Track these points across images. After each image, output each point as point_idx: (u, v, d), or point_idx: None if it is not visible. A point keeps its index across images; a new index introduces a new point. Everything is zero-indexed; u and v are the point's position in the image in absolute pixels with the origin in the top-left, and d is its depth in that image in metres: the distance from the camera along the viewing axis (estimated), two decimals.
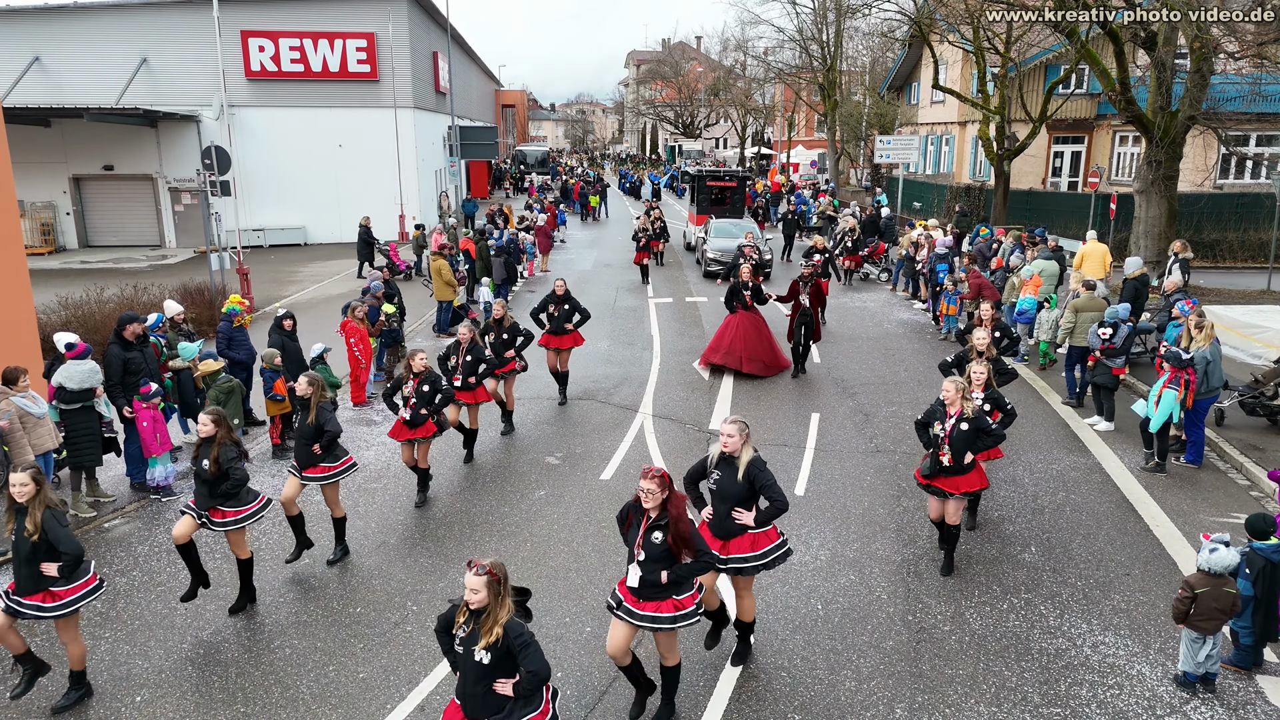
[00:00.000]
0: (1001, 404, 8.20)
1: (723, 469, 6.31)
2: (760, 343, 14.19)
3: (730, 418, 6.31)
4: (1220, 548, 6.16)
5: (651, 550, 5.54)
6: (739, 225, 24.83)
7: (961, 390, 7.59)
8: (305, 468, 8.09)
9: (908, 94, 45.16)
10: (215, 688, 6.46)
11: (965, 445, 7.54)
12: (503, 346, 11.35)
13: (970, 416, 7.51)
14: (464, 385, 10.29)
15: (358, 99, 30.35)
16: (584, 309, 12.82)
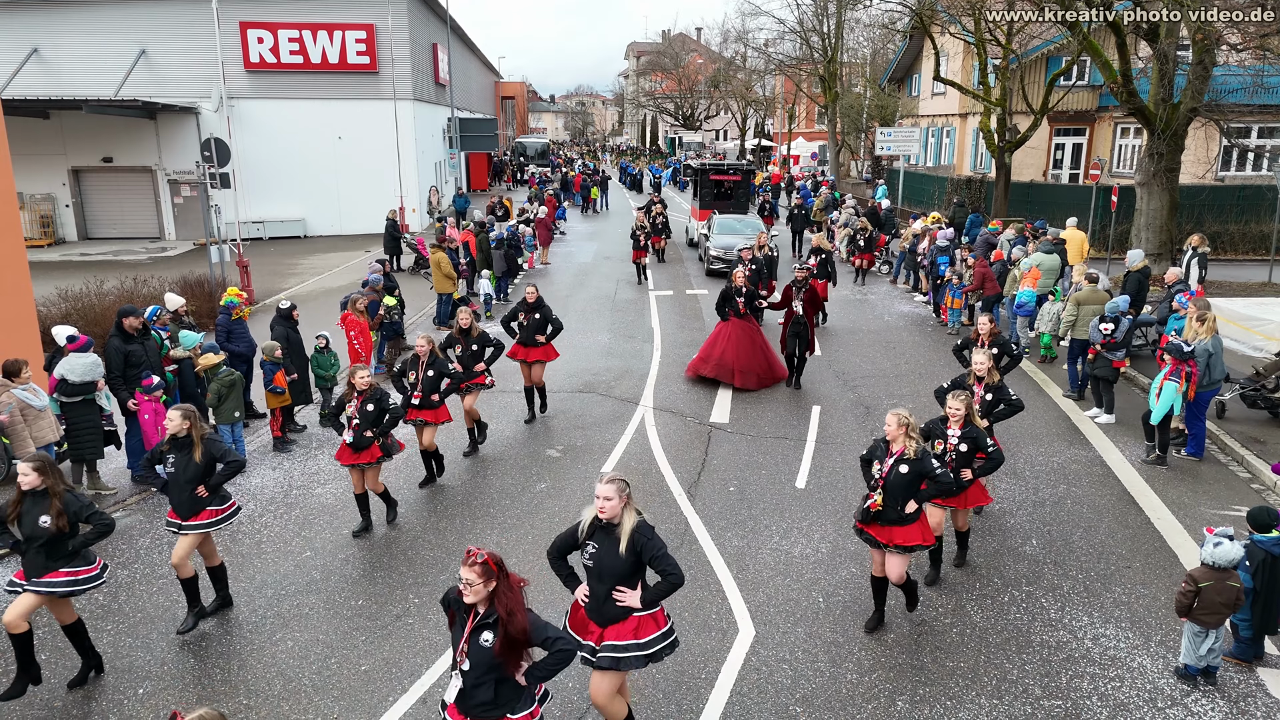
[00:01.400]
0: (982, 444, 7.26)
1: (599, 540, 5.15)
2: (754, 353, 13.25)
3: (608, 475, 5.14)
4: (1225, 542, 6.16)
5: (478, 656, 4.40)
6: (744, 221, 24.10)
7: (905, 425, 6.54)
8: (189, 516, 6.89)
9: (909, 86, 45.04)
10: (218, 680, 6.47)
11: (903, 491, 6.52)
12: (471, 359, 10.45)
13: (912, 458, 6.48)
14: (424, 404, 9.37)
15: (357, 91, 30.26)
16: (556, 319, 11.69)
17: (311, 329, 12.75)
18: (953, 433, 7.32)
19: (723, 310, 13.41)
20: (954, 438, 7.31)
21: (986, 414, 8.19)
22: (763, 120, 70.76)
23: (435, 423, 9.52)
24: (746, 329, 13.35)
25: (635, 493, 9.55)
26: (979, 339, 9.85)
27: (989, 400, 8.26)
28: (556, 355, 12.03)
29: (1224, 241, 24.35)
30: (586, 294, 20.95)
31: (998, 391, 8.32)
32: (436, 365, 9.45)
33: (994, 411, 8.25)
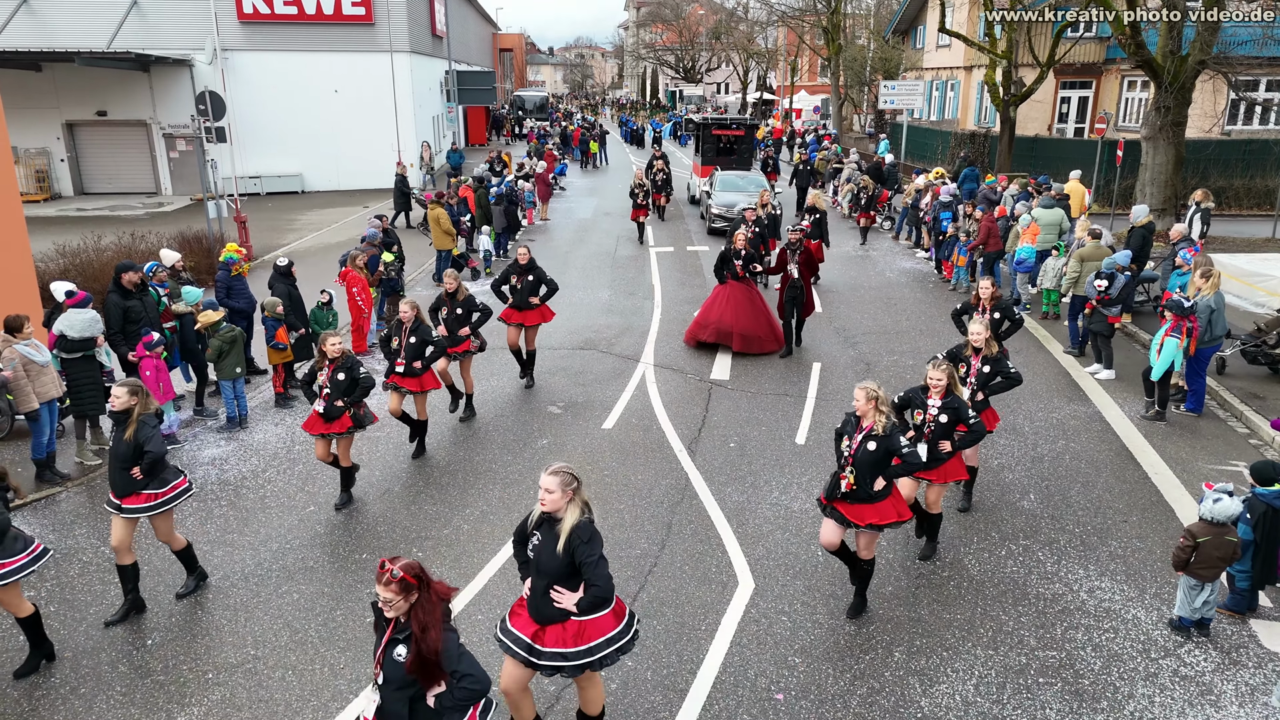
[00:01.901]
0: (964, 415, 6.87)
1: (543, 533, 4.82)
2: (755, 316, 12.79)
3: (553, 466, 4.76)
4: (1224, 497, 6.21)
5: (392, 671, 4.02)
6: (746, 178, 23.49)
7: (875, 399, 6.20)
8: (124, 496, 6.50)
9: (913, 38, 44.32)
10: (225, 631, 6.57)
11: (871, 468, 6.20)
12: (456, 324, 10.03)
13: (880, 434, 6.14)
14: (408, 371, 9.07)
15: (353, 42, 29.77)
16: (551, 281, 11.26)
17: (311, 285, 12.71)
18: (933, 403, 6.94)
19: (720, 273, 12.95)
20: (934, 408, 6.93)
21: (982, 386, 7.79)
22: (764, 73, 69.81)
23: (422, 390, 9.21)
24: (745, 291, 12.89)
25: (636, 450, 9.66)
26: (979, 303, 9.33)
27: (985, 373, 7.80)
28: (553, 316, 11.62)
29: (1228, 197, 24.15)
30: (587, 250, 20.85)
31: (995, 363, 7.82)
32: (420, 331, 9.11)
33: (990, 384, 7.81)
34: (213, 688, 5.95)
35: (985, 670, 6.12)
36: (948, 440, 6.92)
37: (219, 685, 5.97)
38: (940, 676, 6.06)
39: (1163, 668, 6.14)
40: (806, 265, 12.69)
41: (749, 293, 12.92)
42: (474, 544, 7.76)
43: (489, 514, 8.29)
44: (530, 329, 11.33)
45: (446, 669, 3.96)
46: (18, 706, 5.76)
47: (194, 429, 10.35)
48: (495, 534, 7.90)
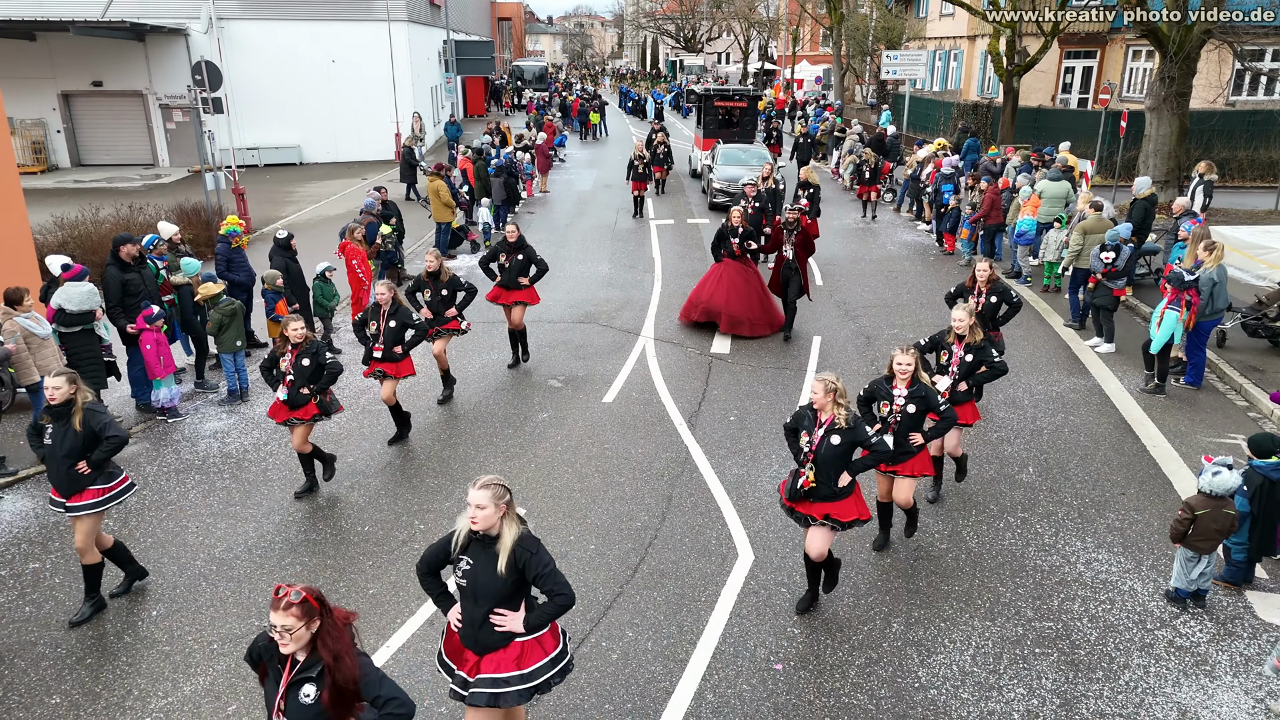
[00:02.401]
0: (933, 404, 6.52)
1: (475, 555, 4.31)
2: (748, 297, 12.34)
3: (484, 479, 4.21)
4: (1223, 470, 6.24)
5: (300, 715, 3.57)
6: (749, 151, 22.93)
7: (834, 391, 5.83)
8: (70, 494, 6.13)
9: (916, 7, 43.82)
10: (229, 603, 6.62)
11: (835, 464, 5.88)
12: (441, 304, 9.79)
13: (844, 426, 5.81)
14: (386, 356, 8.80)
15: (350, 11, 29.43)
16: (541, 260, 11.01)
17: (311, 258, 12.68)
18: (899, 392, 6.54)
19: (717, 251, 12.64)
20: (900, 398, 6.53)
21: (966, 376, 7.44)
22: (766, 43, 69.10)
23: (397, 376, 8.93)
24: (741, 271, 12.47)
25: (637, 424, 9.69)
26: (974, 286, 8.99)
27: (968, 362, 7.40)
28: (539, 299, 11.26)
29: (1232, 168, 24.00)
30: (587, 223, 20.76)
31: (979, 352, 7.37)
32: (399, 314, 8.75)
33: (974, 374, 7.45)
34: (218, 658, 6.01)
35: (982, 641, 6.18)
36: (918, 432, 6.59)
37: (224, 655, 6.03)
38: (938, 647, 6.12)
39: (1158, 638, 6.21)
40: (802, 246, 12.08)
41: (744, 273, 12.49)
42: None
43: None
44: (515, 306, 10.97)
45: (367, 696, 3.59)
46: (24, 677, 5.83)
47: (195, 402, 10.37)
48: None
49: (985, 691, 5.70)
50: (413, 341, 8.88)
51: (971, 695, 5.67)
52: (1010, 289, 9.04)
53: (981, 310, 8.77)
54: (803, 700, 5.64)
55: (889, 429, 6.56)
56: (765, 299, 12.58)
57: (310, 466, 8.22)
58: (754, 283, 12.53)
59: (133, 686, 5.76)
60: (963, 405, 7.46)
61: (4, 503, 8.10)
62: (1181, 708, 5.56)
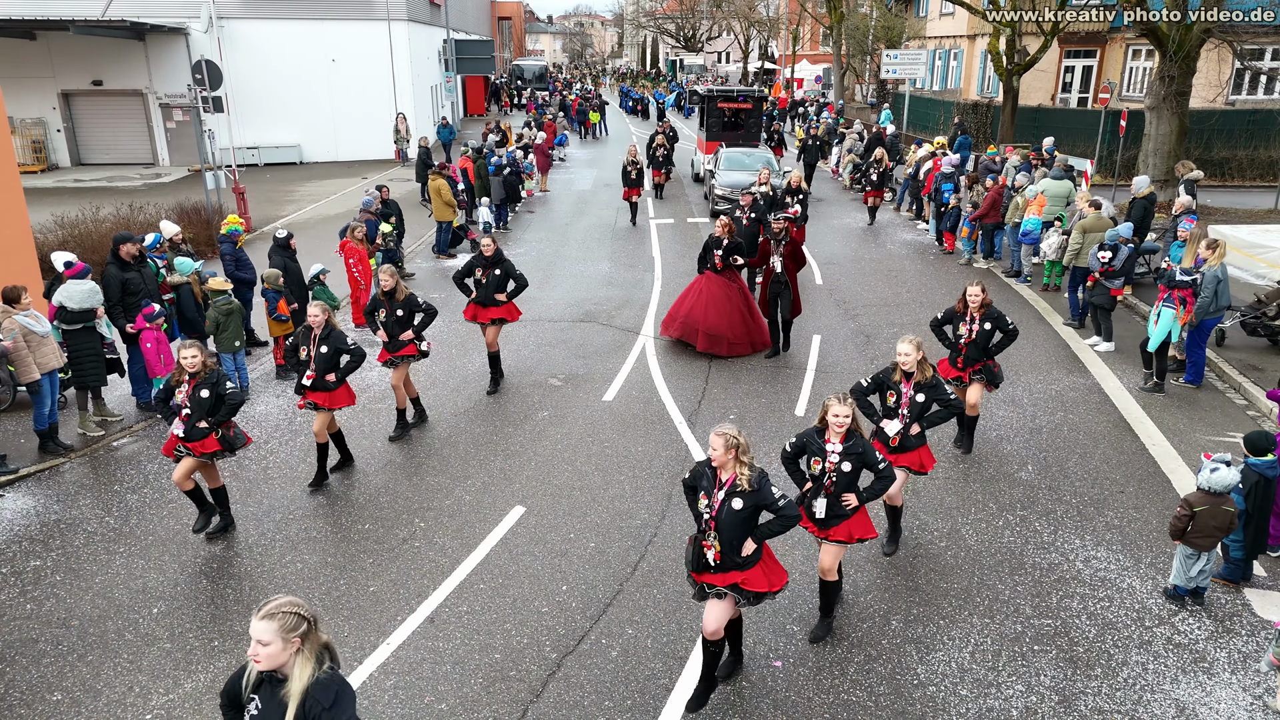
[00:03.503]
0: (871, 461, 5.70)
1: (264, 698, 3.48)
2: (729, 314, 11.51)
3: (270, 605, 3.39)
4: (1221, 467, 6.25)
5: None
6: (753, 156, 21.88)
7: (735, 447, 4.99)
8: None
9: (916, 6, 43.84)
10: (230, 600, 6.64)
11: (738, 530, 5.08)
12: (397, 326, 9.03)
13: (746, 488, 4.99)
14: (318, 385, 7.98)
15: (349, 10, 29.44)
16: (520, 275, 10.30)
17: (310, 258, 12.69)
18: (833, 448, 5.70)
19: (702, 264, 11.89)
20: (834, 454, 5.70)
21: (917, 418, 6.69)
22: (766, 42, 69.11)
23: (330, 408, 8.09)
24: (723, 286, 11.63)
25: (637, 422, 9.71)
26: (965, 310, 8.23)
27: (919, 402, 6.64)
28: (519, 315, 10.60)
29: (1232, 167, 24.03)
30: (587, 222, 20.78)
31: (931, 390, 6.64)
32: (332, 340, 7.95)
33: (928, 415, 6.72)
34: (219, 655, 6.03)
35: (981, 638, 6.20)
36: (852, 493, 5.80)
37: (225, 653, 6.05)
38: (937, 644, 6.14)
39: (1156, 635, 6.22)
40: (792, 258, 11.30)
41: (726, 288, 11.66)
42: (476, 515, 7.82)
43: (490, 485, 8.35)
44: (491, 325, 10.32)
45: None
46: (25, 674, 5.85)
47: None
48: (497, 505, 7.97)
49: (984, 688, 5.72)
50: (347, 369, 8.01)
51: (970, 692, 5.69)
52: (1005, 315, 8.22)
53: (974, 338, 8.19)
54: (802, 697, 5.65)
55: (823, 491, 5.75)
56: (748, 316, 11.78)
57: (201, 500, 7.40)
58: (736, 299, 11.70)
59: (134, 683, 5.77)
60: (915, 450, 6.79)
61: (5, 500, 8.12)
62: (1180, 704, 5.58)
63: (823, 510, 5.78)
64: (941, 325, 8.44)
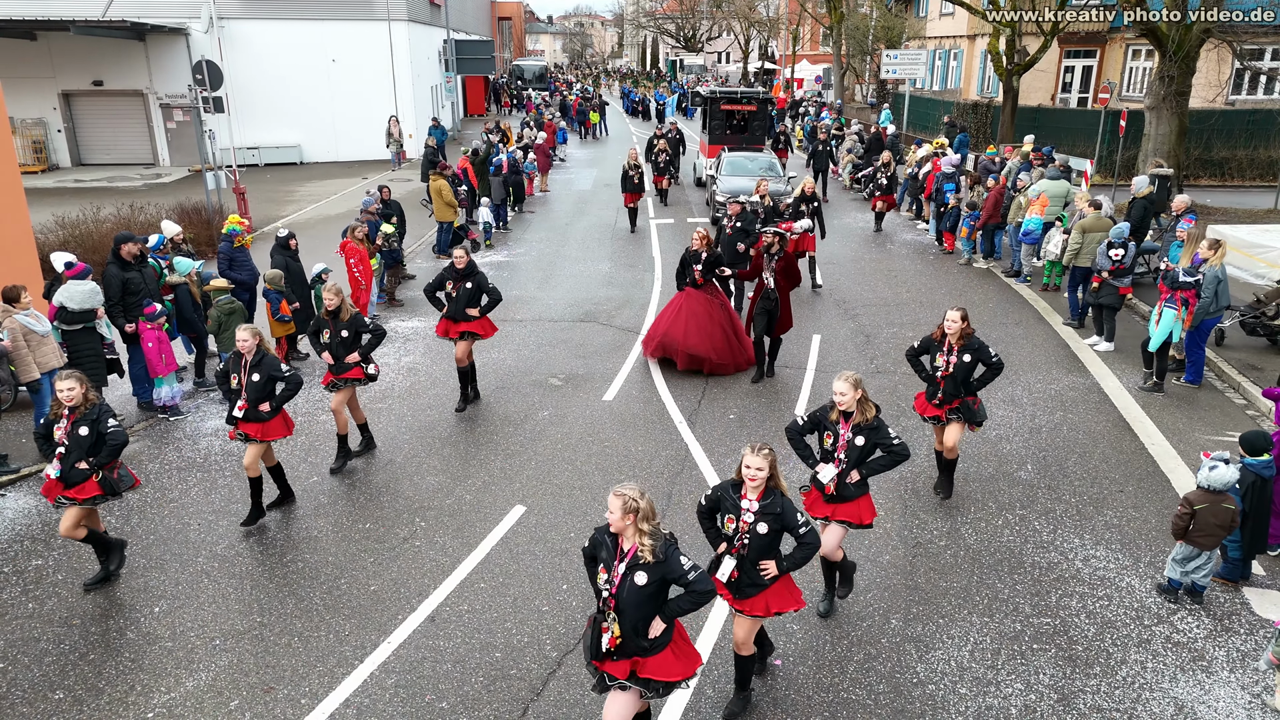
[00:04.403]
0: (791, 523, 4.95)
1: None
2: (709, 332, 10.87)
3: None
4: (1220, 465, 6.27)
5: None
6: (756, 160, 21.04)
7: (634, 512, 4.33)
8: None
9: (916, 6, 43.87)
10: (231, 599, 6.66)
11: (643, 607, 4.44)
12: (342, 348, 8.42)
13: (651, 560, 4.37)
14: (251, 415, 7.41)
15: (350, 10, 29.47)
16: (495, 290, 9.77)
17: (311, 258, 12.71)
18: (748, 505, 4.99)
19: (681, 279, 11.20)
20: (749, 513, 4.99)
21: (856, 464, 6.01)
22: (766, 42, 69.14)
23: (263, 439, 7.49)
24: (704, 303, 10.99)
25: (637, 422, 9.72)
26: (943, 339, 7.45)
27: (859, 446, 5.94)
28: (494, 330, 10.03)
29: (1231, 168, 24.04)
30: (587, 222, 20.79)
31: (871, 433, 5.92)
32: (264, 366, 7.39)
33: (868, 462, 6.02)
34: (220, 654, 6.05)
35: (980, 637, 6.21)
36: (772, 559, 5.04)
37: (226, 651, 6.07)
38: (936, 643, 6.15)
39: (1155, 634, 6.24)
40: (785, 274, 10.59)
41: (708, 305, 11.01)
42: (476, 514, 7.83)
43: (491, 484, 8.36)
44: (462, 339, 9.78)
45: None
46: (28, 673, 5.86)
47: (196, 400, 10.41)
48: (497, 504, 7.98)
49: (983, 687, 5.73)
50: (282, 397, 7.43)
51: (970, 691, 5.70)
52: (988, 347, 7.38)
53: (952, 371, 7.39)
54: (801, 695, 5.67)
55: (732, 550, 5.08)
56: (731, 334, 11.12)
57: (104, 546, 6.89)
58: (718, 316, 11.04)
59: (135, 682, 5.79)
60: (854, 501, 6.09)
61: (6, 500, 8.13)
62: (1179, 703, 5.59)
63: (726, 574, 5.05)
64: (918, 355, 7.70)
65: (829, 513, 6.13)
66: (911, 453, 5.92)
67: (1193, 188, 20.96)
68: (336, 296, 8.47)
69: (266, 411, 7.43)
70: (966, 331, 7.36)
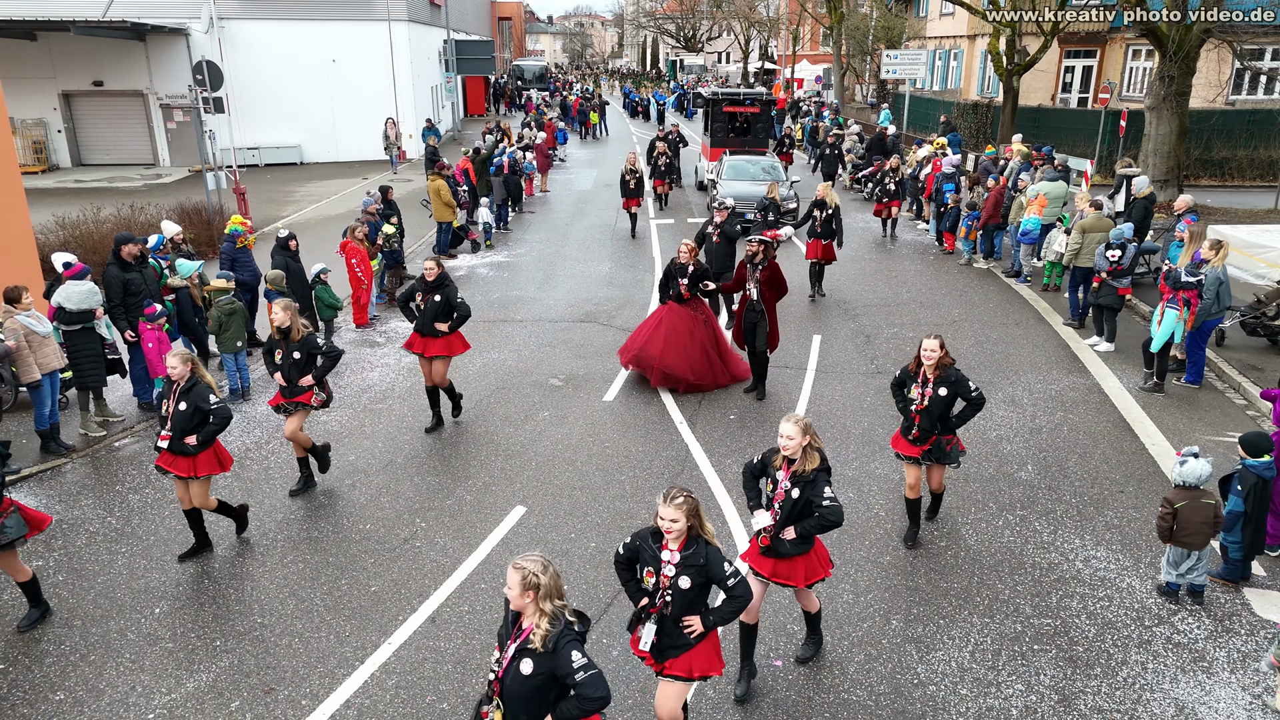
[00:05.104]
0: (718, 575, 4.43)
1: None
2: (690, 350, 10.33)
3: None
4: (1190, 459, 6.31)
5: None
6: (758, 164, 20.63)
7: (534, 589, 3.74)
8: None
9: (916, 6, 43.87)
10: (232, 599, 6.66)
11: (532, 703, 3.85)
12: (294, 370, 7.87)
13: (539, 648, 3.78)
14: (176, 447, 6.78)
15: (350, 10, 29.47)
16: (463, 304, 9.22)
17: (312, 258, 12.71)
18: (669, 556, 4.46)
19: (664, 292, 10.67)
20: (670, 565, 4.45)
21: (791, 520, 5.34)
22: (766, 42, 69.14)
23: (187, 476, 6.85)
24: (686, 319, 10.44)
25: (637, 422, 9.71)
26: (919, 371, 6.80)
27: (794, 499, 5.30)
28: (466, 347, 9.58)
29: (1232, 168, 24.05)
30: (587, 222, 20.79)
31: (810, 485, 5.27)
32: (194, 395, 6.75)
33: (801, 523, 5.31)
34: (221, 655, 6.05)
35: (981, 638, 6.21)
36: (696, 614, 4.53)
37: (227, 652, 6.07)
38: (937, 644, 6.15)
39: (1156, 635, 6.24)
40: (770, 285, 10.01)
41: (690, 321, 10.46)
42: (477, 514, 7.84)
43: (491, 485, 8.37)
44: (436, 360, 9.27)
45: None
46: (28, 674, 5.86)
47: None
48: (498, 504, 7.98)
49: (984, 688, 5.74)
50: (210, 430, 6.80)
51: (970, 691, 5.71)
52: (968, 380, 6.73)
53: (927, 405, 6.75)
54: (802, 696, 5.67)
55: (652, 611, 4.57)
56: (713, 353, 10.58)
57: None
58: (700, 333, 10.48)
59: (136, 683, 5.79)
60: (790, 560, 5.43)
61: None
62: (1179, 704, 5.59)
63: (647, 642, 4.57)
64: (899, 387, 7.03)
65: (766, 570, 5.46)
66: (844, 519, 5.24)
67: (1193, 188, 20.96)
68: (286, 314, 7.82)
69: (192, 445, 6.73)
70: (945, 362, 6.72)
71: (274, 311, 7.87)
